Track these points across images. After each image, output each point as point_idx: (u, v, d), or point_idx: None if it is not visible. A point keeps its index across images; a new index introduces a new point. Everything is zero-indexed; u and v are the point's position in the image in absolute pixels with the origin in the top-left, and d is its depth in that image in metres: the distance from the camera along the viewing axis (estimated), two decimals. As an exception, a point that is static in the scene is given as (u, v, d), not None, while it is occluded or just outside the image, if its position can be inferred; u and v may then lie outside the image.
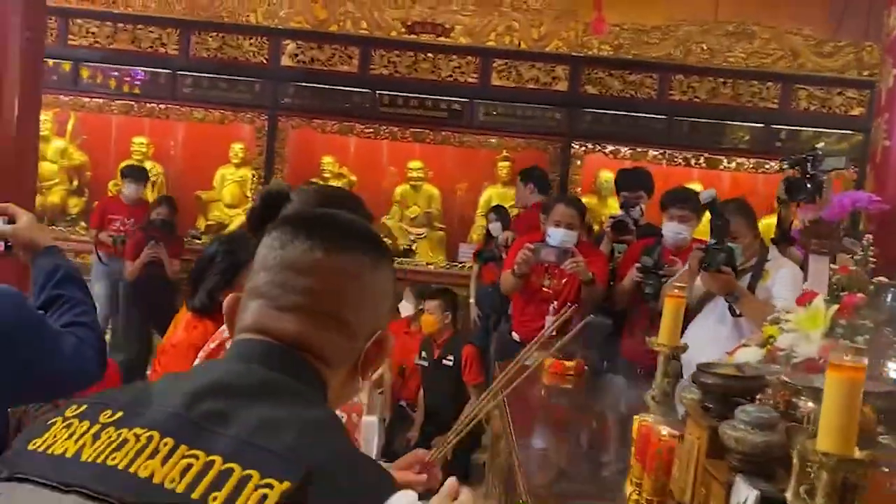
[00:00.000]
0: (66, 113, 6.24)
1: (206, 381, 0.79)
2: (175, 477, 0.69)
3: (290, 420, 0.74)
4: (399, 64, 6.06)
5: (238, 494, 0.67)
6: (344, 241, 0.91)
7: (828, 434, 1.25)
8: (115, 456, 0.71)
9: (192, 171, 6.43)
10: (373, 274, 0.92)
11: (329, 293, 0.88)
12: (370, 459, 0.81)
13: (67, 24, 5.97)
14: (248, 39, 6.02)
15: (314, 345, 0.86)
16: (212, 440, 0.71)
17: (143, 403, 0.77)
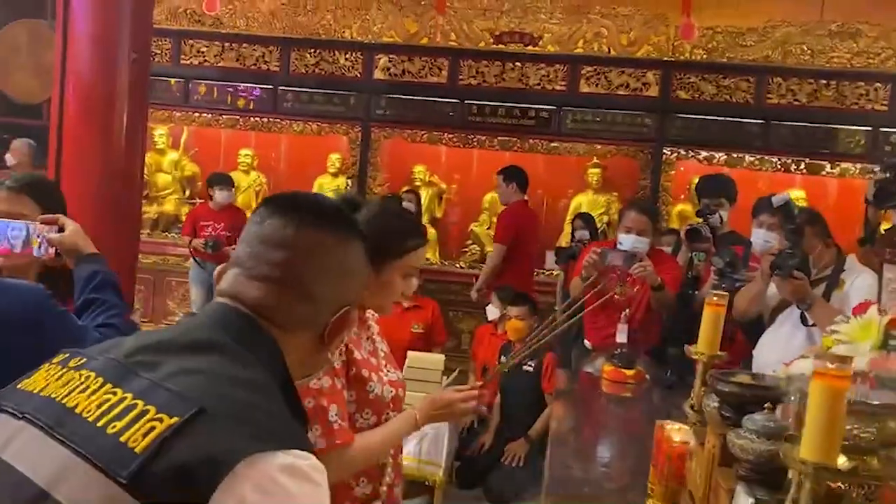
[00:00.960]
0: (179, 127, 6.72)
1: (156, 338, 0.90)
2: (91, 408, 0.80)
3: (205, 370, 0.84)
4: (487, 74, 6.16)
5: (132, 425, 0.77)
6: (315, 221, 1.01)
7: (811, 442, 1.23)
8: (60, 391, 0.84)
9: (293, 180, 6.76)
10: (341, 252, 1.02)
11: (296, 266, 0.98)
12: (281, 415, 0.86)
13: (180, 45, 6.43)
14: (344, 55, 6.29)
15: (274, 312, 0.96)
16: (133, 382, 0.82)
17: (106, 352, 0.89)
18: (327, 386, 1.64)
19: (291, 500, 0.78)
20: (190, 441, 0.76)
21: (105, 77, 4.25)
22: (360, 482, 1.74)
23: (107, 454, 0.76)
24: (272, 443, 0.79)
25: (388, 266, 1.72)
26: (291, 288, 0.97)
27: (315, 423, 1.61)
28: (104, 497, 0.75)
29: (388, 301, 1.80)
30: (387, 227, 1.74)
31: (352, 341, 1.74)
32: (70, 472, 0.77)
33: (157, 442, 0.75)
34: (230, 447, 0.77)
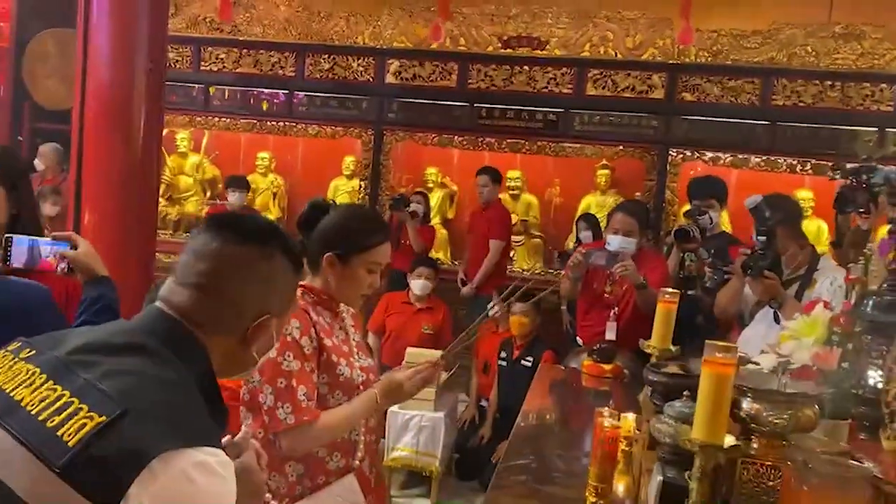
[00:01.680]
0: (200, 131, 6.96)
1: (96, 337, 1.03)
2: (35, 402, 0.93)
3: (132, 372, 0.96)
4: (496, 77, 6.29)
5: (67, 420, 0.89)
6: (239, 237, 1.13)
7: (701, 424, 1.36)
8: (9, 384, 0.97)
9: (310, 182, 6.96)
10: (261, 266, 1.13)
11: (219, 276, 1.10)
12: (196, 414, 0.98)
13: (200, 52, 6.67)
14: (357, 60, 6.47)
15: (197, 315, 1.08)
16: (71, 379, 0.94)
17: (52, 346, 1.01)
18: (297, 368, 1.81)
19: (200, 493, 0.90)
20: (113, 438, 0.88)
21: (123, 85, 4.47)
22: (333, 456, 1.90)
23: (45, 445, 0.88)
24: (185, 440, 0.90)
25: (354, 260, 1.89)
26: (214, 295, 1.09)
27: (286, 402, 1.78)
28: (40, 482, 0.87)
29: (355, 294, 1.96)
30: (352, 223, 1.92)
31: (323, 330, 1.90)
32: (12, 456, 0.89)
33: (86, 438, 0.87)
34: (147, 444, 0.88)
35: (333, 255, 1.88)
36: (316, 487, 1.89)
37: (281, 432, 1.80)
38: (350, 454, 1.94)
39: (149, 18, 4.52)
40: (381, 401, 1.92)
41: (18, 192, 1.99)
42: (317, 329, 1.87)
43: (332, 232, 1.89)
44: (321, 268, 1.91)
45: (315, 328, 1.87)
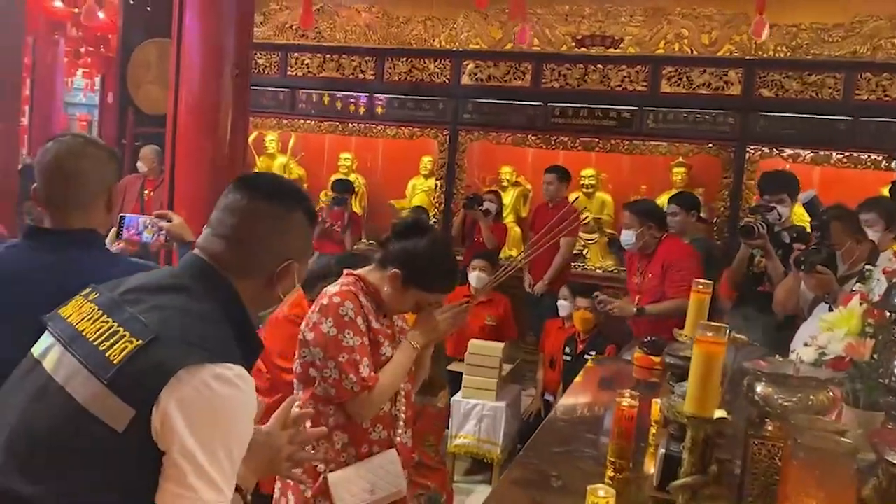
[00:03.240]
0: (287, 133, 7.33)
1: (145, 280, 1.26)
2: (92, 332, 1.15)
3: (168, 306, 1.17)
4: (569, 76, 6.36)
5: (114, 344, 1.11)
6: (263, 193, 1.31)
7: (692, 398, 1.46)
8: (76, 319, 1.20)
9: (389, 182, 7.22)
10: (281, 218, 1.31)
11: (246, 228, 1.29)
12: (220, 338, 1.16)
13: (287, 58, 7.03)
14: (433, 62, 6.67)
15: (229, 261, 1.27)
16: (120, 313, 1.16)
17: (112, 289, 1.24)
18: (357, 344, 1.99)
19: (218, 399, 1.10)
20: (148, 356, 1.09)
21: (212, 90, 4.83)
22: (376, 427, 2.08)
23: (97, 364, 1.11)
24: (207, 357, 1.10)
25: (413, 290, 2.05)
26: (243, 244, 1.28)
27: (350, 373, 1.96)
28: (95, 393, 1.10)
29: (397, 310, 2.13)
30: (433, 263, 2.06)
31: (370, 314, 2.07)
32: (76, 375, 1.13)
33: (126, 357, 1.09)
34: (174, 360, 1.09)
35: (401, 274, 2.03)
36: (360, 456, 2.06)
37: (348, 401, 1.98)
38: (391, 427, 2.11)
39: (235, 28, 4.86)
40: (417, 343, 2.07)
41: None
42: (366, 311, 2.05)
43: (413, 257, 2.03)
44: (385, 272, 2.06)
45: (364, 310, 2.04)
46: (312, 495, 2.04)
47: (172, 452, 1.07)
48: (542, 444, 2.15)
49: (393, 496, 2.08)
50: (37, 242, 1.71)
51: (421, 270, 2.03)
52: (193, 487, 1.07)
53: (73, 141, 1.75)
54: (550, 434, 2.26)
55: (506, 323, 5.03)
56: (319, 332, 1.98)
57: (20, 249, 1.72)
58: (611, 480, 1.83)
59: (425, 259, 2.04)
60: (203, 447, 1.07)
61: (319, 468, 2.04)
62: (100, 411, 1.08)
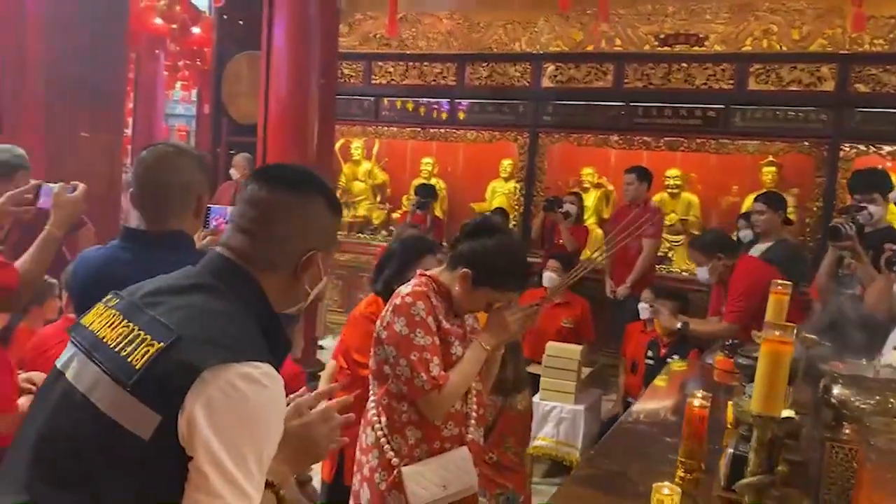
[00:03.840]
0: (371, 140, 7.51)
1: (164, 282, 1.21)
2: (113, 338, 1.12)
3: (191, 306, 1.13)
4: (653, 76, 6.27)
5: (136, 349, 1.07)
6: (282, 184, 1.26)
7: (759, 397, 1.45)
8: (97, 326, 1.17)
9: (469, 185, 7.29)
10: (302, 208, 1.25)
11: (267, 219, 1.23)
12: (244, 336, 1.12)
13: (371, 67, 7.21)
14: (514, 66, 6.71)
15: (251, 255, 1.22)
16: (140, 317, 1.12)
17: (132, 293, 1.21)
18: (428, 343, 2.04)
19: (245, 399, 1.04)
20: (171, 359, 1.05)
21: (299, 99, 5.03)
22: (447, 425, 2.12)
23: (119, 370, 1.07)
24: (231, 357, 1.05)
25: (484, 289, 2.08)
26: (264, 236, 1.23)
27: (421, 371, 2.01)
28: (118, 400, 1.06)
29: (468, 309, 2.16)
30: (502, 262, 2.07)
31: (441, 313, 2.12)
32: (98, 382, 1.09)
33: (149, 361, 1.05)
34: (198, 361, 1.04)
35: (471, 273, 2.06)
36: (433, 452, 2.11)
37: (419, 399, 2.04)
38: (463, 424, 2.15)
39: (320, 40, 5.04)
40: (488, 344, 2.10)
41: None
42: (437, 312, 2.10)
43: (482, 257, 2.06)
44: (455, 272, 2.10)
45: (435, 310, 2.09)
46: (387, 488, 2.10)
47: (198, 458, 1.02)
48: (613, 445, 2.15)
49: (464, 492, 2.12)
50: (129, 243, 1.83)
51: (490, 270, 2.05)
52: (219, 494, 1.02)
53: (164, 150, 1.86)
54: (623, 435, 2.25)
55: (583, 325, 5.00)
56: (392, 330, 2.04)
57: (113, 250, 1.84)
58: (681, 480, 1.82)
59: (494, 258, 2.05)
60: (230, 451, 1.03)
61: (394, 462, 2.11)
62: (124, 419, 1.04)
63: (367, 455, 2.19)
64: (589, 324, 5.02)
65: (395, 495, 2.10)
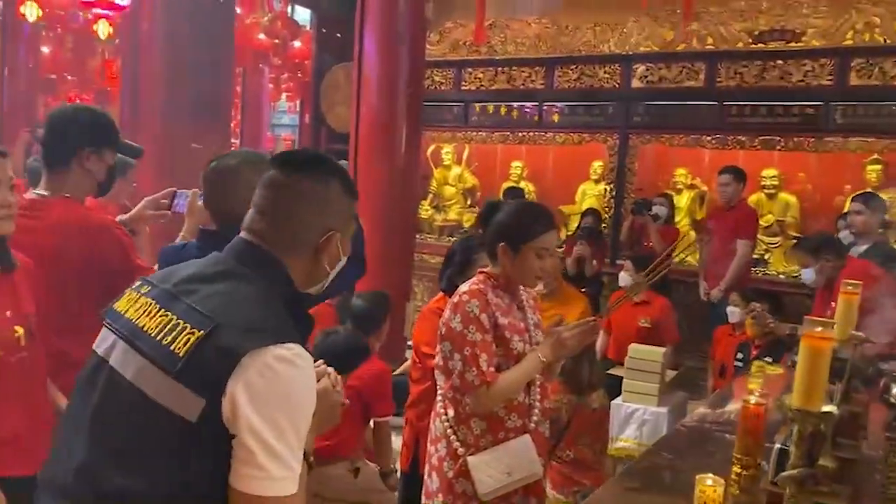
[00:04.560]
0: (461, 145, 7.66)
1: (194, 270, 1.28)
2: (153, 327, 1.19)
3: (223, 293, 1.20)
4: (746, 74, 6.12)
5: (177, 337, 1.15)
6: (299, 168, 1.32)
7: (799, 393, 1.47)
8: (134, 314, 1.24)
9: (558, 188, 7.31)
10: (319, 190, 1.30)
11: (285, 202, 1.30)
12: (276, 319, 1.19)
13: (460, 73, 7.36)
14: (603, 68, 6.69)
15: (273, 238, 1.28)
16: (177, 305, 1.20)
17: (163, 281, 1.27)
18: (479, 339, 2.15)
19: (280, 379, 1.12)
20: (211, 346, 1.13)
21: (387, 107, 5.23)
22: (511, 416, 2.22)
23: (163, 358, 1.15)
24: (268, 340, 1.13)
25: (523, 248, 2.19)
26: (284, 219, 1.29)
27: (472, 366, 2.13)
28: (165, 386, 1.13)
29: (529, 276, 2.25)
30: (520, 217, 2.23)
31: (500, 310, 2.22)
32: (143, 370, 1.17)
33: (191, 349, 1.13)
34: (237, 346, 1.12)
35: (506, 245, 2.20)
36: (497, 442, 2.21)
37: (469, 392, 2.15)
38: (525, 415, 2.24)
39: (408, 51, 5.23)
40: (545, 357, 2.18)
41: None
42: (493, 309, 2.20)
43: (503, 225, 2.22)
44: (498, 257, 2.23)
45: (492, 307, 2.19)
46: (454, 476, 2.22)
47: (242, 435, 1.10)
48: (674, 442, 2.18)
49: (529, 478, 2.21)
50: (203, 243, 2.00)
51: (515, 229, 2.18)
52: (263, 467, 1.10)
53: (227, 162, 2.00)
54: (688, 433, 2.28)
55: (664, 325, 4.92)
56: (449, 326, 2.17)
57: (191, 249, 2.02)
58: (736, 477, 1.84)
59: (511, 218, 2.21)
60: (270, 426, 1.10)
61: (460, 451, 2.22)
62: (172, 403, 1.12)
63: (436, 445, 2.31)
64: (671, 324, 4.94)
65: (462, 483, 2.21)
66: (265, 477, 1.10)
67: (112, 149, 2.32)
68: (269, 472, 1.10)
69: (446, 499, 2.22)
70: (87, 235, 2.17)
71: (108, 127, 2.33)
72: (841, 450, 1.65)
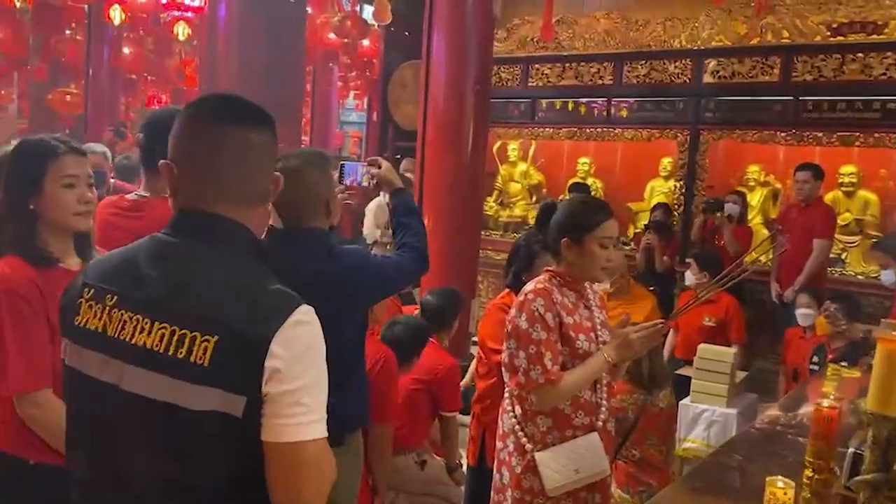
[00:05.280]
0: (528, 142, 7.65)
1: (160, 266, 1.19)
2: (156, 343, 1.13)
3: (213, 287, 1.15)
4: (824, 68, 5.93)
5: (191, 349, 1.11)
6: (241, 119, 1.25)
7: (874, 396, 1.45)
8: (123, 333, 1.17)
9: (626, 185, 7.23)
10: (255, 138, 1.24)
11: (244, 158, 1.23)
12: (270, 285, 1.17)
13: (528, 70, 7.35)
14: (673, 63, 6.58)
15: (228, 199, 1.22)
16: (168, 313, 1.14)
17: (127, 287, 1.19)
18: (544, 338, 2.18)
19: (303, 340, 1.14)
20: (231, 345, 1.11)
21: (455, 105, 5.28)
22: (577, 414, 2.24)
23: (191, 374, 1.11)
24: (281, 315, 1.13)
25: (585, 239, 2.22)
26: (234, 177, 1.22)
27: (537, 364, 2.16)
28: (205, 396, 1.11)
29: (595, 269, 2.27)
30: (576, 210, 2.27)
31: (565, 309, 2.24)
32: (177, 389, 1.12)
33: (213, 355, 1.11)
34: (257, 335, 1.11)
35: (569, 239, 2.22)
36: (564, 439, 2.24)
37: (533, 390, 2.18)
38: (592, 413, 2.25)
39: (476, 49, 5.26)
40: (611, 357, 2.19)
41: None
42: (559, 308, 2.22)
43: (563, 222, 2.26)
44: (562, 254, 2.25)
45: (557, 306, 2.22)
46: (522, 471, 2.25)
47: (272, 395, 1.11)
48: (743, 443, 2.16)
49: (596, 476, 2.23)
50: (268, 240, 2.08)
51: (575, 221, 2.23)
52: (293, 414, 1.12)
53: (292, 164, 2.06)
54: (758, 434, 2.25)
55: (729, 325, 4.83)
56: (515, 325, 2.20)
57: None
58: (808, 480, 1.82)
59: (569, 213, 2.26)
60: (299, 384, 1.12)
61: (527, 447, 2.25)
62: (216, 407, 1.11)
63: (504, 441, 2.35)
64: (738, 324, 4.84)
65: (529, 478, 2.24)
66: (299, 424, 1.12)
67: None
68: (299, 420, 1.12)
69: (514, 493, 2.25)
70: None
71: None
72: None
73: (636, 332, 2.19)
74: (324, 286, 2.02)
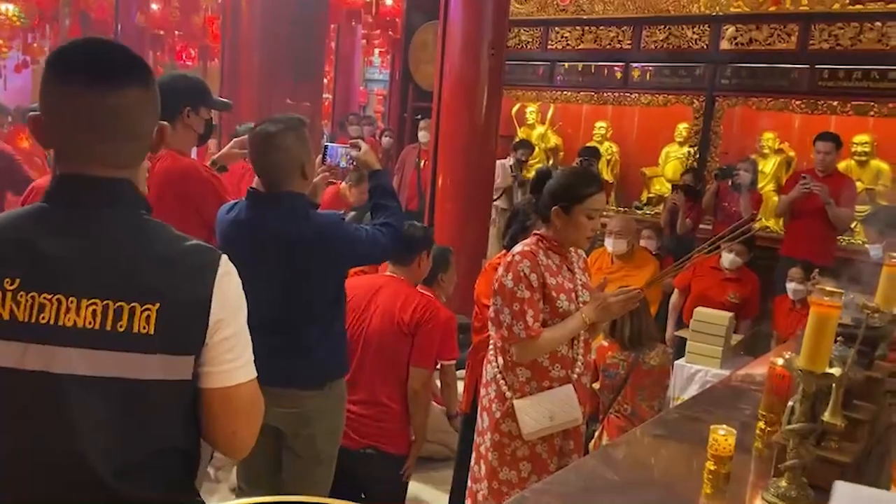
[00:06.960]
0: (546, 105, 7.71)
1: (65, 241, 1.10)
2: (90, 320, 1.07)
3: (135, 259, 1.11)
4: (841, 36, 5.92)
5: (133, 319, 1.08)
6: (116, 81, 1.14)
7: (805, 355, 1.59)
8: (47, 317, 1.07)
9: (642, 150, 7.30)
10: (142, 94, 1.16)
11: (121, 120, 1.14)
12: (193, 245, 1.16)
13: (547, 33, 7.38)
14: (691, 28, 6.59)
15: (120, 161, 1.16)
16: (97, 289, 1.08)
17: (37, 265, 1.09)
18: (527, 297, 2.34)
19: (231, 289, 1.17)
20: (171, 309, 1.11)
21: (470, 67, 5.37)
22: (554, 367, 2.42)
23: (137, 344, 1.09)
24: (210, 269, 1.15)
25: (575, 210, 2.36)
26: (124, 137, 1.16)
27: (519, 321, 2.33)
28: (155, 365, 1.10)
29: (581, 237, 2.42)
30: (570, 180, 2.41)
31: (549, 270, 2.39)
32: (127, 363, 1.10)
33: (156, 322, 1.09)
34: (198, 292, 1.13)
35: (559, 207, 2.37)
36: (542, 389, 2.41)
37: (515, 343, 2.36)
38: (569, 367, 2.43)
39: (493, 10, 5.33)
40: (589, 318, 2.36)
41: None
42: (543, 269, 2.37)
43: (556, 190, 2.39)
44: (551, 220, 2.40)
45: (541, 268, 2.37)
46: (501, 417, 2.44)
47: (213, 341, 1.15)
48: (709, 397, 2.32)
49: (569, 423, 2.41)
50: (250, 202, 2.28)
51: (566, 191, 2.36)
52: (235, 349, 1.17)
53: (266, 129, 2.22)
54: (725, 390, 2.41)
55: (750, 302, 4.87)
56: (501, 283, 2.37)
57: (242, 208, 2.31)
58: (760, 431, 1.98)
59: (562, 182, 2.39)
60: (234, 326, 1.17)
61: (507, 395, 2.43)
62: (168, 374, 1.12)
63: (487, 389, 2.54)
64: (755, 301, 4.88)
65: (508, 423, 2.43)
66: (235, 368, 1.16)
67: (206, 106, 2.67)
68: (238, 363, 1.17)
69: (493, 436, 2.44)
70: (186, 178, 2.52)
71: (201, 88, 2.69)
72: (855, 411, 1.76)
73: (614, 296, 2.34)
74: (302, 246, 2.23)
